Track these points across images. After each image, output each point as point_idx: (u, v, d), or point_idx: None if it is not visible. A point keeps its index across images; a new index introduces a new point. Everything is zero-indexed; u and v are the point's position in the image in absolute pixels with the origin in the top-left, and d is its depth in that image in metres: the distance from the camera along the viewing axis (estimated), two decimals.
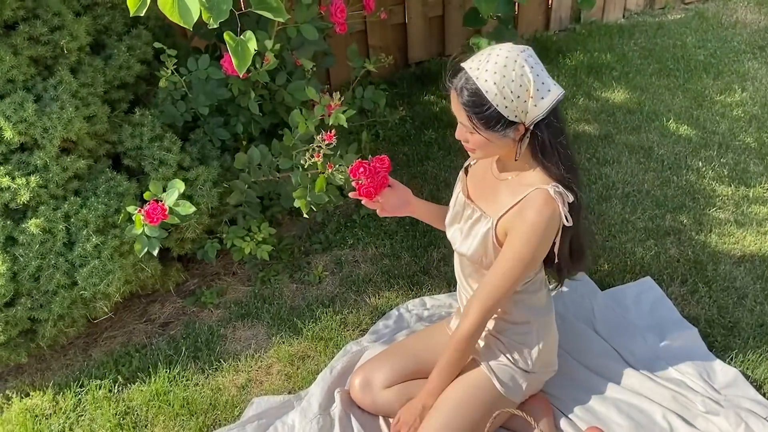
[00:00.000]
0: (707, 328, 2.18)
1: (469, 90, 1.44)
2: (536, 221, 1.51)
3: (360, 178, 1.77)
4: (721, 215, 2.70)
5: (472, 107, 1.45)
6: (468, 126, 1.48)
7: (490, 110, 1.43)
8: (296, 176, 2.09)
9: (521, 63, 1.42)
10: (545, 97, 1.45)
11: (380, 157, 1.83)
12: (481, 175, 1.73)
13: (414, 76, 4.04)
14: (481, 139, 1.49)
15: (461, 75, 1.46)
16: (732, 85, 3.68)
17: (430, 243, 2.64)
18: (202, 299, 2.45)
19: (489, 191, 1.68)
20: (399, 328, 2.22)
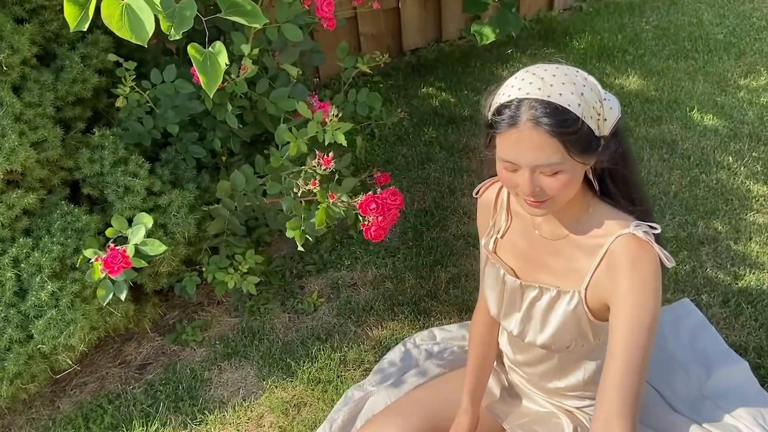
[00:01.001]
0: (756, 359, 1.92)
1: (548, 111, 1.12)
2: (640, 281, 1.22)
3: (370, 216, 1.56)
4: (760, 220, 2.43)
5: (563, 131, 1.13)
6: (557, 160, 1.15)
7: (583, 127, 1.14)
8: (287, 203, 1.79)
9: (574, 69, 1.18)
10: (610, 98, 1.21)
11: (391, 191, 1.60)
12: (518, 247, 1.43)
13: (410, 66, 3.74)
14: (568, 176, 1.18)
15: (521, 106, 1.14)
16: (756, 67, 3.39)
17: (437, 262, 2.37)
18: (184, 336, 2.18)
19: (546, 259, 1.38)
20: (407, 367, 1.96)
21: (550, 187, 1.19)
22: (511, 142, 1.16)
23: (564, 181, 1.18)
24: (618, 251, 1.24)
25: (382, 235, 1.64)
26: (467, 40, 3.98)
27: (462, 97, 3.35)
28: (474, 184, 2.74)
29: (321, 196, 1.69)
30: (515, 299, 1.44)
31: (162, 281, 2.05)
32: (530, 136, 1.13)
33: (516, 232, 1.45)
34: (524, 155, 1.16)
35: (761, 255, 2.27)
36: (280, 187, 1.83)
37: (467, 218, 2.56)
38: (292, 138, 1.73)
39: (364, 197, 1.63)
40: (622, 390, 1.20)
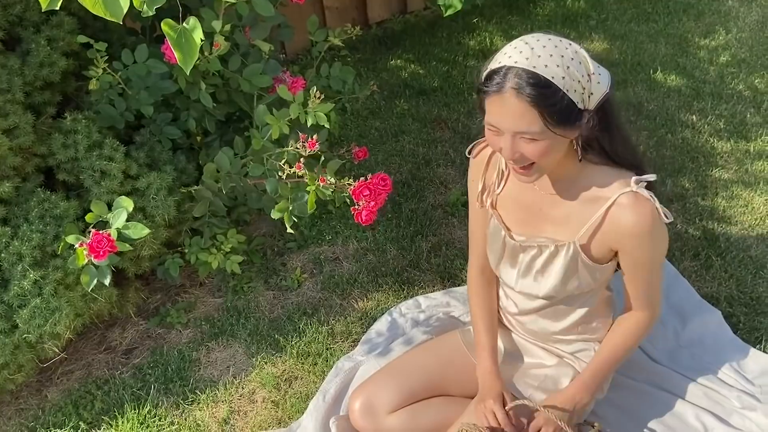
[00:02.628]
0: (728, 308, 2.00)
1: (531, 81, 1.17)
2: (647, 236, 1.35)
3: (362, 201, 1.63)
4: (725, 175, 2.51)
5: (543, 101, 1.18)
6: (536, 129, 1.21)
7: (563, 99, 1.19)
8: (272, 185, 1.78)
9: (566, 42, 1.23)
10: (602, 73, 1.26)
11: (381, 176, 1.65)
12: (519, 200, 1.49)
13: (377, 39, 3.73)
14: (547, 144, 1.24)
15: (509, 73, 1.19)
16: (715, 27, 3.46)
17: (417, 232, 2.40)
18: (168, 319, 2.17)
19: (544, 212, 1.45)
20: (394, 336, 1.99)
21: (530, 152, 1.25)
22: (495, 107, 1.23)
23: (543, 148, 1.24)
24: (623, 209, 1.33)
25: (372, 219, 1.67)
26: (432, 10, 3.97)
27: (431, 68, 3.36)
28: (448, 154, 2.78)
29: (311, 180, 1.69)
30: (514, 255, 1.49)
31: (144, 265, 2.03)
32: (512, 104, 1.20)
33: (515, 187, 1.50)
34: (506, 121, 1.23)
35: (727, 209, 2.36)
36: (263, 169, 1.82)
37: (444, 188, 2.59)
38: (273, 120, 1.73)
39: (357, 184, 1.65)
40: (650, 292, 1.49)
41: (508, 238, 1.50)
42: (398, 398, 1.65)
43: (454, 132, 2.89)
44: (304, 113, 1.70)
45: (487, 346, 1.61)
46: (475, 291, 1.66)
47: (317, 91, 1.68)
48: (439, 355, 1.72)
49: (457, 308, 2.05)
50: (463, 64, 3.35)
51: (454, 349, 1.74)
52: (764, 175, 2.49)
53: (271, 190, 1.75)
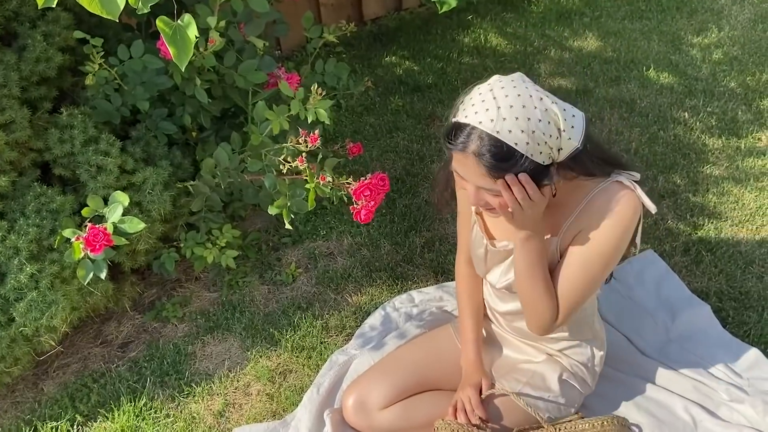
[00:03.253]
0: (718, 302, 2.03)
1: (492, 150, 1.18)
2: (619, 213, 1.30)
3: (362, 200, 1.65)
4: (716, 172, 2.54)
5: (502, 169, 1.20)
6: (498, 188, 1.24)
7: (525, 164, 1.20)
8: (269, 180, 1.80)
9: (537, 95, 1.21)
10: (575, 125, 1.23)
11: (380, 177, 1.67)
12: None
13: (371, 35, 3.74)
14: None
15: (472, 134, 1.20)
16: (708, 25, 3.49)
17: (411, 228, 2.42)
18: (164, 313, 2.19)
19: None
20: (387, 330, 2.01)
21: (495, 203, 1.28)
22: (458, 163, 1.26)
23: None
24: (599, 196, 1.32)
25: (370, 218, 1.69)
26: (427, 7, 3.99)
27: (425, 65, 3.38)
28: (442, 150, 2.80)
29: (310, 177, 1.71)
30: (497, 260, 1.52)
31: (140, 259, 2.05)
32: (473, 165, 1.22)
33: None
34: (468, 177, 1.26)
35: (718, 205, 2.39)
36: (261, 164, 1.83)
37: None
38: (273, 116, 1.74)
39: (358, 184, 1.67)
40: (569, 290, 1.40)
41: (490, 246, 1.52)
42: (391, 394, 1.67)
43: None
44: (304, 109, 1.72)
45: (471, 338, 1.64)
46: (463, 283, 1.68)
47: (318, 87, 1.69)
48: (432, 350, 1.74)
49: (449, 302, 2.07)
50: (457, 61, 3.36)
51: (446, 343, 1.77)
52: (754, 171, 2.52)
53: (269, 185, 1.76)
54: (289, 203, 1.73)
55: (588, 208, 1.35)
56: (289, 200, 1.73)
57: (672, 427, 1.67)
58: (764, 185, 2.45)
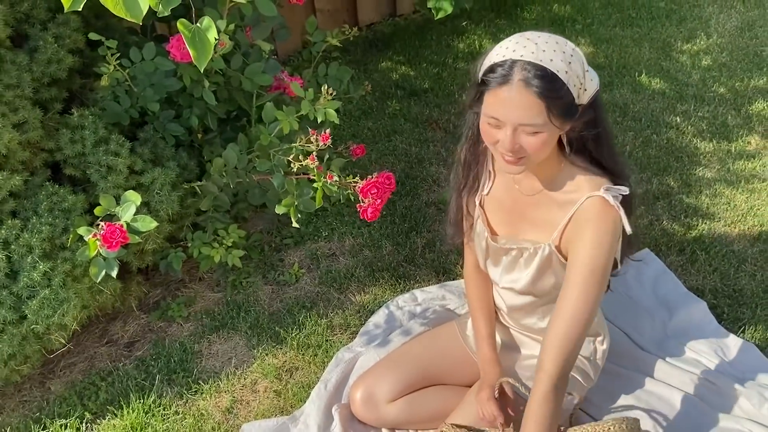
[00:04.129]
0: (713, 299, 2.09)
1: (539, 74, 1.21)
2: (599, 234, 1.34)
3: (369, 198, 1.67)
4: (708, 174, 2.61)
5: (549, 95, 1.22)
6: (540, 121, 1.24)
7: (567, 93, 1.23)
8: (278, 180, 1.83)
9: (563, 40, 1.28)
10: (591, 70, 1.31)
11: (386, 176, 1.70)
12: (503, 202, 1.54)
13: (367, 41, 3.79)
14: (546, 136, 1.27)
15: (515, 66, 1.22)
16: (697, 32, 3.58)
17: (412, 228, 2.46)
18: (169, 312, 2.21)
19: (525, 215, 1.50)
20: (391, 328, 2.05)
21: (529, 145, 1.28)
22: (499, 100, 1.25)
23: (542, 140, 1.28)
24: (586, 209, 1.36)
25: (376, 216, 1.72)
26: (422, 13, 4.05)
27: (421, 70, 3.43)
28: (440, 153, 2.85)
29: (318, 177, 1.75)
30: (497, 256, 1.56)
31: (147, 259, 2.07)
32: (519, 96, 1.22)
33: (500, 189, 1.56)
34: (511, 113, 1.25)
35: (711, 206, 2.45)
36: (270, 164, 1.87)
37: (437, 186, 2.66)
38: (282, 116, 1.78)
39: (365, 182, 1.70)
40: (564, 353, 1.35)
41: (490, 240, 1.56)
42: (397, 388, 1.72)
43: (446, 132, 2.96)
44: (314, 110, 1.76)
45: (485, 335, 1.68)
46: (472, 283, 1.72)
47: (329, 87, 1.73)
48: (436, 346, 1.78)
49: (452, 301, 2.11)
50: (452, 66, 3.42)
51: (450, 340, 1.81)
52: (745, 174, 2.60)
53: (278, 185, 1.80)
54: (296, 202, 1.77)
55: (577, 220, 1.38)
56: (297, 199, 1.77)
57: (671, 419, 1.72)
58: (755, 187, 2.52)
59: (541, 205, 1.47)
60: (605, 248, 1.34)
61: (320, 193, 1.71)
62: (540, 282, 1.51)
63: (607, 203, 1.34)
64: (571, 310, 1.35)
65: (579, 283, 1.34)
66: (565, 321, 1.35)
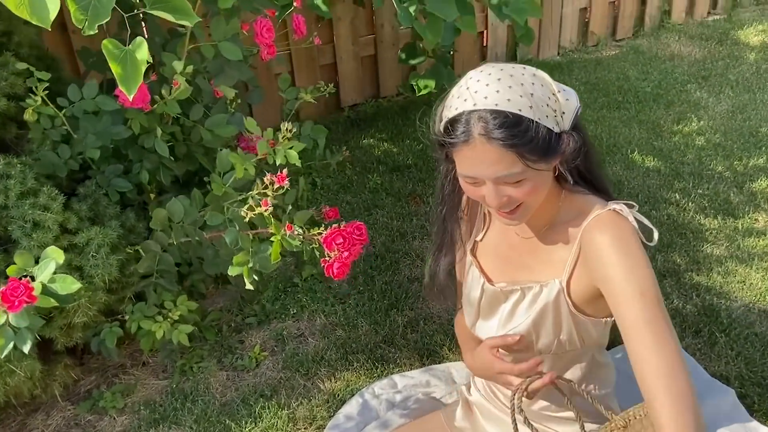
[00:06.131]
0: (740, 387, 1.80)
1: (498, 122, 1.03)
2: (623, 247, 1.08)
3: (335, 251, 1.41)
4: (717, 251, 2.38)
5: (517, 142, 1.03)
6: (517, 170, 1.06)
7: (539, 130, 1.04)
8: (231, 235, 1.57)
9: (519, 67, 1.10)
10: (567, 90, 1.12)
11: (356, 225, 1.45)
12: (498, 248, 1.32)
13: (348, 120, 3.65)
14: (533, 182, 1.09)
15: (471, 119, 1.04)
16: (687, 115, 3.48)
17: (392, 306, 2.17)
18: (101, 403, 1.86)
19: (526, 258, 1.27)
20: (366, 420, 1.71)
21: (517, 194, 1.10)
22: (468, 159, 1.08)
23: (530, 188, 1.10)
24: (595, 226, 1.13)
25: (345, 273, 1.46)
26: (405, 96, 3.96)
27: (404, 146, 3.27)
28: (424, 227, 2.61)
29: (276, 228, 1.49)
30: (494, 305, 1.30)
31: (76, 335, 1.75)
32: (485, 151, 1.05)
33: (495, 233, 1.34)
34: (483, 170, 1.07)
35: (724, 285, 2.20)
36: (222, 218, 1.61)
37: (420, 261, 2.39)
38: (237, 159, 1.54)
39: (329, 231, 1.45)
40: (673, 391, 1.01)
41: (487, 284, 1.30)
42: None
43: (431, 206, 2.74)
44: (272, 152, 1.52)
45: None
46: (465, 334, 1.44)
47: (290, 123, 1.50)
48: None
49: (438, 388, 1.79)
50: None
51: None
52: (757, 251, 2.37)
53: (230, 240, 1.53)
54: (251, 261, 1.49)
55: (586, 245, 1.14)
56: (252, 257, 1.49)
57: None
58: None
59: (542, 246, 1.24)
60: (641, 261, 1.07)
61: (277, 247, 1.43)
62: (543, 328, 1.23)
63: (619, 215, 1.12)
64: (655, 356, 1.02)
65: (639, 316, 1.04)
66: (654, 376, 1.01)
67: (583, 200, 1.19)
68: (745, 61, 4.05)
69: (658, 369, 1.02)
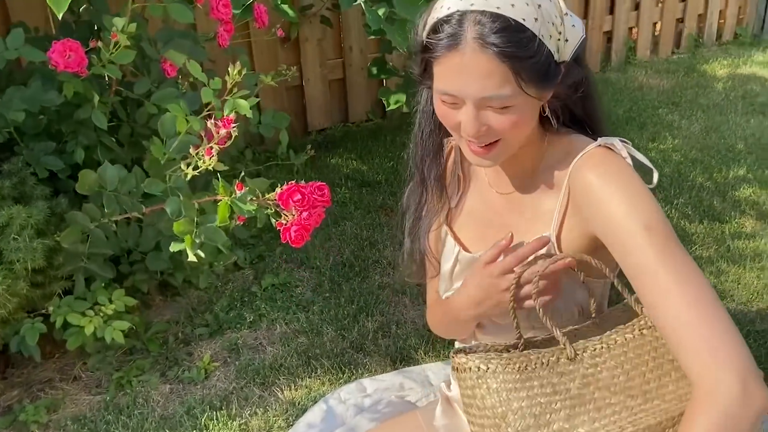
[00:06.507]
0: None
1: (500, 29, 0.86)
2: (618, 181, 0.91)
3: (292, 211, 1.21)
4: (707, 253, 2.24)
5: (516, 53, 0.87)
6: (507, 92, 0.88)
7: (540, 49, 0.88)
8: (173, 204, 1.36)
9: None
10: (570, 14, 0.95)
11: (318, 185, 1.26)
12: (474, 213, 1.14)
13: (316, 143, 3.50)
14: (520, 111, 0.91)
15: (464, 20, 0.88)
16: (661, 135, 3.41)
17: (360, 311, 1.95)
18: (22, 417, 1.59)
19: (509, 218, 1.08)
20: (330, 427, 1.47)
21: (499, 124, 0.92)
22: (451, 69, 0.90)
23: (515, 118, 0.92)
24: (581, 167, 0.95)
25: (304, 239, 1.26)
26: (374, 122, 3.85)
27: (374, 164, 3.11)
28: (396, 236, 2.42)
29: (223, 189, 1.29)
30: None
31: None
32: (476, 61, 0.88)
33: (472, 197, 1.15)
34: (468, 85, 0.90)
35: (717, 285, 2.05)
36: (163, 186, 1.40)
37: (391, 269, 2.19)
38: (178, 110, 1.35)
39: (286, 187, 1.26)
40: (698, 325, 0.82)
41: (463, 252, 1.12)
42: None
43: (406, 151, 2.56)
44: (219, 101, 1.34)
45: None
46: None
47: (239, 65, 1.32)
48: None
49: (413, 391, 1.56)
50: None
51: None
52: (748, 252, 2.23)
53: (172, 210, 1.32)
54: (196, 231, 1.28)
55: (576, 188, 0.97)
56: (197, 228, 1.28)
57: None
58: (765, 264, 2.15)
59: (526, 200, 1.06)
60: (641, 191, 0.91)
61: (224, 209, 1.23)
62: None
63: (610, 151, 0.95)
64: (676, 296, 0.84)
65: (648, 255, 0.86)
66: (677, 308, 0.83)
67: (569, 141, 1.02)
68: (713, 90, 4.05)
69: (683, 312, 0.84)
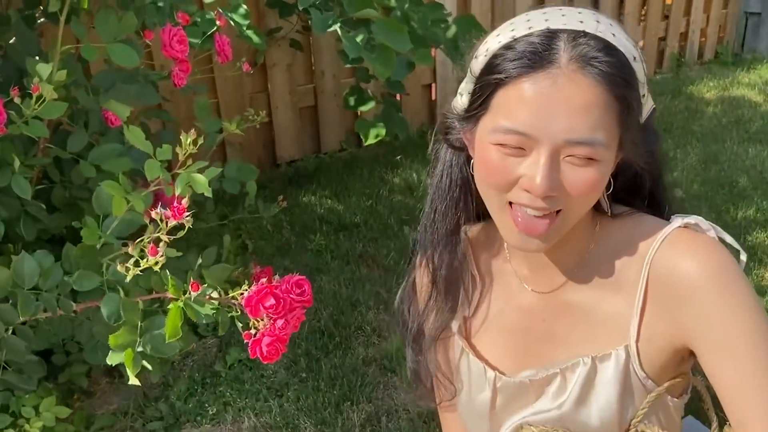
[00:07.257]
0: None
1: (603, 47, 0.69)
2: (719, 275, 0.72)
3: (263, 319, 0.91)
4: None
5: (626, 78, 0.69)
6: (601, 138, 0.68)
7: (636, 88, 0.71)
8: (110, 304, 1.06)
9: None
10: None
11: (296, 280, 0.94)
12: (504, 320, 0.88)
13: (286, 177, 3.22)
14: (602, 172, 0.71)
15: (560, 40, 0.68)
16: None
17: (344, 398, 1.67)
18: None
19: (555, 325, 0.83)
20: None
21: (576, 183, 0.70)
22: (529, 98, 0.68)
23: (596, 177, 0.71)
24: (669, 256, 0.75)
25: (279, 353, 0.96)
26: (349, 151, 3.57)
27: (351, 203, 2.84)
28: (379, 294, 2.14)
29: (174, 289, 0.99)
30: (520, 399, 0.85)
31: None
32: (571, 87, 0.67)
33: (498, 300, 0.90)
34: (553, 120, 0.68)
35: None
36: (99, 280, 1.10)
37: (377, 337, 1.92)
38: (116, 190, 1.05)
39: (255, 288, 0.95)
40: None
41: (504, 378, 0.86)
42: None
43: (385, 270, 2.28)
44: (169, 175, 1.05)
45: None
46: None
47: (194, 132, 1.02)
48: None
49: None
50: (389, 199, 2.85)
51: None
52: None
53: (108, 312, 1.02)
54: (139, 342, 0.98)
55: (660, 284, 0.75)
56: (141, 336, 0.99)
57: None
58: None
59: (578, 301, 0.82)
60: (748, 295, 0.73)
61: (175, 315, 0.93)
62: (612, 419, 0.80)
63: (697, 233, 0.76)
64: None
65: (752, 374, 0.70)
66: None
67: (631, 222, 0.81)
68: (704, 115, 3.88)
69: None
